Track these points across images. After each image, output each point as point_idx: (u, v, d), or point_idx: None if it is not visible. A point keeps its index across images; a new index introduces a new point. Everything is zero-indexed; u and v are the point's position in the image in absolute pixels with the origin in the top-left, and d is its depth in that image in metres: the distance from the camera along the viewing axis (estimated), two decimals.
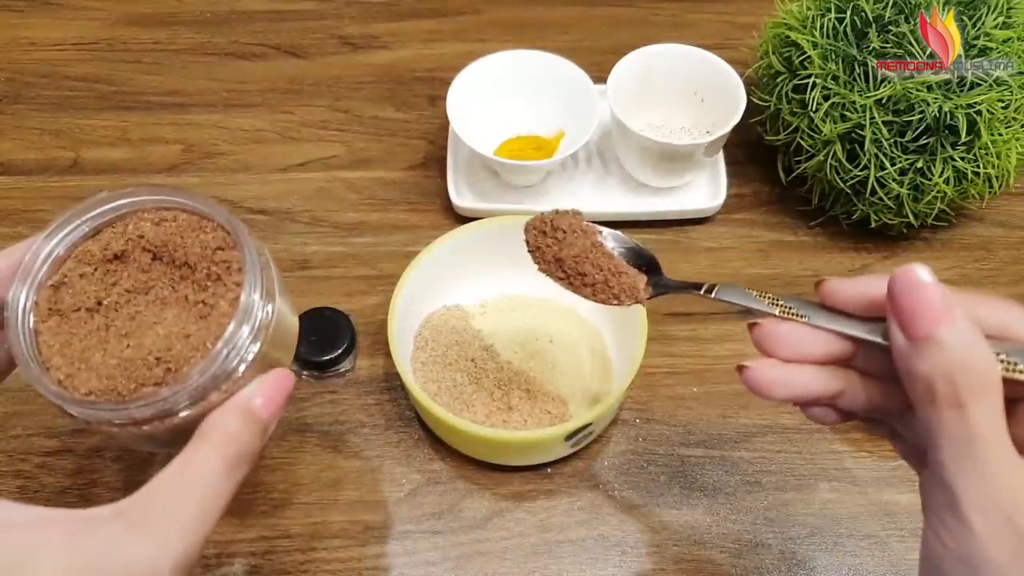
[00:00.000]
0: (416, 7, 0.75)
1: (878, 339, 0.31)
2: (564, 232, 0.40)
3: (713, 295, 0.36)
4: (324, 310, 0.53)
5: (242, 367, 0.31)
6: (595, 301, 0.40)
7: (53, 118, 0.66)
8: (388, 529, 0.48)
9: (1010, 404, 0.29)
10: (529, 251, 0.41)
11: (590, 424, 0.46)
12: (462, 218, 0.60)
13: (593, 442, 0.51)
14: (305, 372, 0.53)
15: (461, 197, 0.60)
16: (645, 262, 0.40)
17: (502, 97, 0.62)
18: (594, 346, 0.53)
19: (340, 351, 0.52)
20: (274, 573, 0.46)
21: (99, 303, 0.33)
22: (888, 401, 0.33)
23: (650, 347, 0.49)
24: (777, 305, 0.34)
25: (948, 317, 0.28)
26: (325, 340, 0.52)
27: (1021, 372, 0.28)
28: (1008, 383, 0.28)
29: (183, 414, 0.31)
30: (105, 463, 0.49)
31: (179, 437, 0.31)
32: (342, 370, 0.53)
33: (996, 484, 0.27)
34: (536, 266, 0.41)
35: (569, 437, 0.46)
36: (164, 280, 0.34)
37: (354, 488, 0.49)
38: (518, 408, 0.49)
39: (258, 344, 0.32)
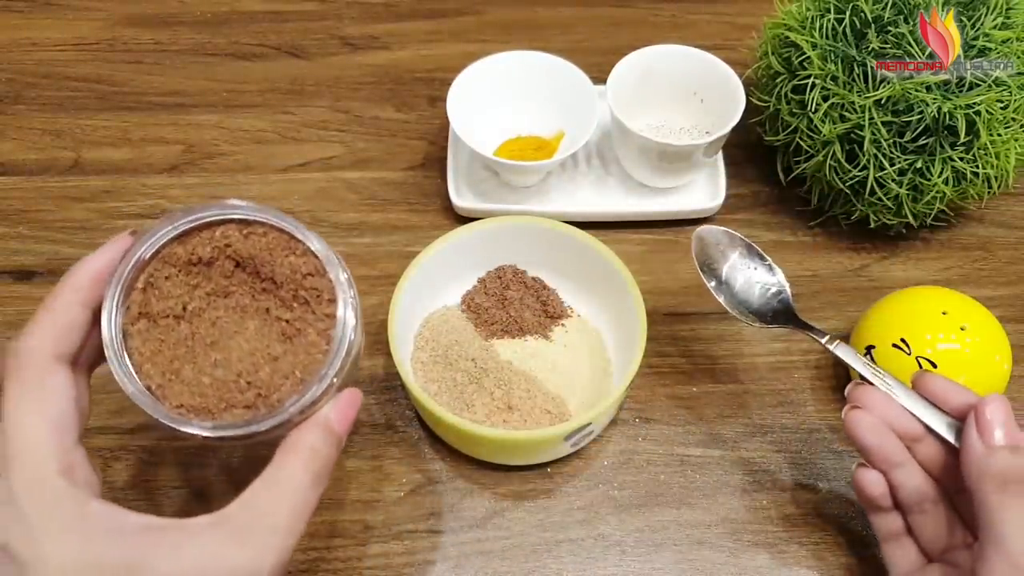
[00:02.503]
0: (416, 7, 0.75)
1: (950, 438, 0.40)
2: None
3: (832, 347, 0.45)
4: None
5: (328, 394, 0.33)
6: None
7: (54, 118, 0.66)
8: (388, 529, 0.48)
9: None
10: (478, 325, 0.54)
11: (590, 424, 0.46)
12: (462, 218, 0.60)
13: (593, 442, 0.51)
14: None
15: (461, 197, 0.60)
16: None
17: (502, 98, 0.62)
18: (594, 346, 0.53)
19: None
20: None
21: (184, 308, 0.34)
22: (925, 487, 0.41)
23: (650, 347, 0.49)
24: (878, 376, 0.42)
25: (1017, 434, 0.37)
26: None
27: None
28: None
29: (267, 434, 0.33)
30: (106, 462, 0.49)
31: (256, 447, 0.33)
32: None
33: None
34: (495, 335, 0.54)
35: (569, 437, 0.46)
36: (244, 288, 0.35)
37: (354, 488, 0.49)
38: (518, 408, 0.49)
39: (344, 372, 0.34)
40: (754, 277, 0.49)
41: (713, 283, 0.49)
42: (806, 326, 0.47)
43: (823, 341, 0.45)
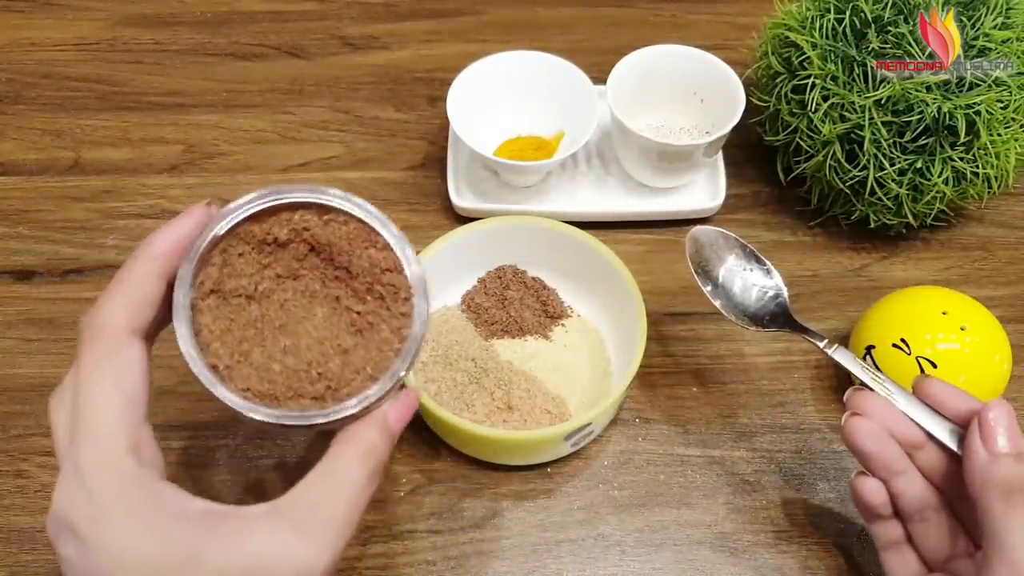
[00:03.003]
0: (416, 7, 0.75)
1: (952, 445, 0.39)
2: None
3: (830, 351, 0.44)
4: None
5: (391, 392, 0.33)
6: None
7: (54, 118, 0.66)
8: (388, 529, 0.48)
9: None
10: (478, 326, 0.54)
11: (590, 424, 0.46)
12: (462, 218, 0.60)
13: (593, 442, 0.51)
14: None
15: (461, 197, 0.60)
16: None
17: (502, 98, 0.62)
18: (594, 346, 0.53)
19: None
20: None
21: (256, 288, 0.34)
22: (927, 495, 0.40)
23: (650, 347, 0.49)
24: (877, 381, 0.41)
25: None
26: None
27: None
28: None
29: (324, 426, 0.33)
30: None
31: (310, 435, 0.32)
32: None
33: None
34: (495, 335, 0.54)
35: (569, 437, 0.46)
36: (315, 273, 0.35)
37: None
38: (518, 408, 0.49)
39: (410, 371, 0.34)
40: (751, 280, 0.49)
41: (709, 286, 0.48)
42: (804, 330, 0.46)
43: (821, 345, 0.45)
